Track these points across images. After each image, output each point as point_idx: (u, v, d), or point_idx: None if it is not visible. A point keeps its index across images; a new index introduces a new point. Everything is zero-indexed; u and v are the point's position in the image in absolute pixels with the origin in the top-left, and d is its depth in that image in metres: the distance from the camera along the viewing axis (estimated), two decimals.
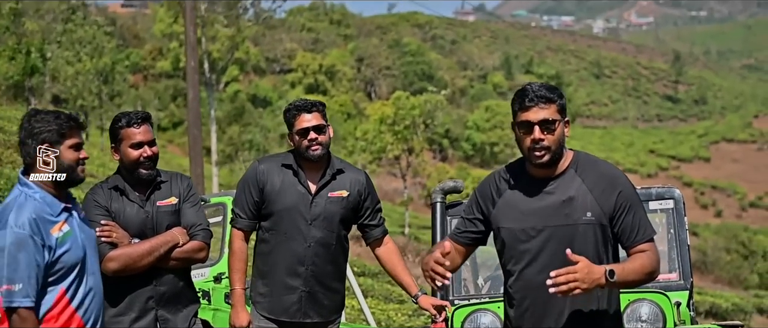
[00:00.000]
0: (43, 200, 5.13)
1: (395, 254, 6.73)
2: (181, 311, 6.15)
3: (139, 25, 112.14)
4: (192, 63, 21.03)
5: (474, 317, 7.52)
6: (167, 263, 6.02)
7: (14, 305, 4.97)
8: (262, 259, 6.44)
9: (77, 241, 5.21)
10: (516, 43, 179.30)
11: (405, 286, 6.67)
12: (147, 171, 6.05)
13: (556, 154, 4.85)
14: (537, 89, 4.85)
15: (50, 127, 5.16)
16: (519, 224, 4.89)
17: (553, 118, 4.81)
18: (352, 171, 6.58)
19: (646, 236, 4.85)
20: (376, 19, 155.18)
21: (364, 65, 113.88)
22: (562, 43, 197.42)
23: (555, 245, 4.77)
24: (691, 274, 8.22)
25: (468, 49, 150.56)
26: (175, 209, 6.13)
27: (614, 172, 4.96)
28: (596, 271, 4.54)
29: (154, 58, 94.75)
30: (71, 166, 5.19)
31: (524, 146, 4.86)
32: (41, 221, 5.06)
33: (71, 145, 5.19)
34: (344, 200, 6.44)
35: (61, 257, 5.12)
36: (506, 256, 4.97)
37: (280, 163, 6.43)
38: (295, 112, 6.37)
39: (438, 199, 8.71)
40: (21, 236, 4.97)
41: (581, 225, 4.79)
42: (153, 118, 6.71)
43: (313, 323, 6.47)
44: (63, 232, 5.14)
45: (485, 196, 5.07)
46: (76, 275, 5.21)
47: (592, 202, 4.83)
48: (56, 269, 5.12)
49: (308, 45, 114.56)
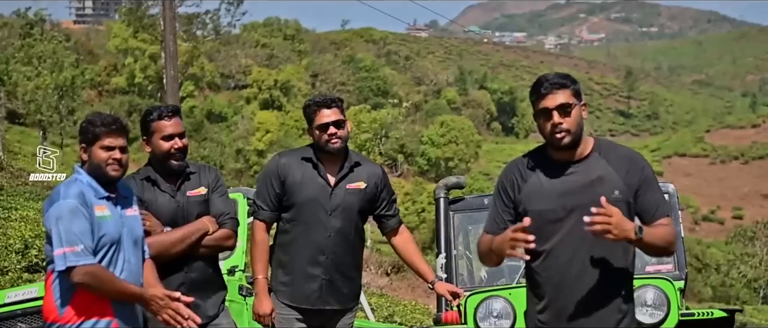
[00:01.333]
0: (89, 184, 5.54)
1: (411, 243, 6.96)
2: (210, 297, 6.38)
3: (93, 41, 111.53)
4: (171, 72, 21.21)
5: (486, 303, 7.74)
6: (198, 251, 6.25)
7: (81, 262, 5.35)
8: (283, 249, 6.64)
9: (115, 225, 5.55)
10: (469, 58, 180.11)
11: (421, 273, 6.92)
12: (177, 162, 6.29)
13: (577, 135, 5.10)
14: (551, 78, 5.11)
15: (88, 129, 5.57)
16: (549, 205, 5.12)
17: (569, 102, 5.06)
18: (369, 164, 6.81)
19: (664, 212, 5.15)
20: (330, 34, 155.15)
21: (319, 81, 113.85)
22: (515, 59, 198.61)
23: (584, 223, 4.91)
24: (685, 264, 8.54)
25: (422, 65, 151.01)
26: (204, 198, 6.35)
27: (634, 153, 5.25)
28: (628, 224, 4.84)
29: (108, 74, 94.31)
30: (100, 164, 5.55)
31: (546, 132, 5.11)
32: (87, 196, 5.47)
33: (103, 146, 5.55)
34: (362, 192, 6.66)
35: (100, 236, 5.47)
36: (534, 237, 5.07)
37: (300, 156, 6.63)
38: (315, 107, 6.57)
39: (441, 194, 8.98)
40: (73, 205, 5.40)
41: (610, 202, 4.95)
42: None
43: (333, 310, 6.67)
44: (103, 214, 5.50)
45: (511, 183, 5.28)
46: (112, 256, 5.52)
47: (618, 180, 5.09)
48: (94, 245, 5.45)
49: (263, 61, 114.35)
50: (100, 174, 5.59)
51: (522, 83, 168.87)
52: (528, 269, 5.31)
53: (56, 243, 5.41)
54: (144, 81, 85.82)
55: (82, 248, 5.37)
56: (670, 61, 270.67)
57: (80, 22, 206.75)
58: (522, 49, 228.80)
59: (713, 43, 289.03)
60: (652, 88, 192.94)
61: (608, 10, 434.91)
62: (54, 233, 5.43)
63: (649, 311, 7.66)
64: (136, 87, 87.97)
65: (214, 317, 6.39)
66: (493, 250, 5.16)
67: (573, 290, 5.11)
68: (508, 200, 5.28)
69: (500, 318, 7.73)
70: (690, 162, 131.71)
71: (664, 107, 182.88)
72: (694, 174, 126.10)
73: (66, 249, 5.38)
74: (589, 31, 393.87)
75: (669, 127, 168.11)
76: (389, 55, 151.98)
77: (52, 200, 5.53)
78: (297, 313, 6.62)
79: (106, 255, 5.51)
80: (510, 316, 7.71)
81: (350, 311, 6.82)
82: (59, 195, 5.48)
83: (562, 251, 5.11)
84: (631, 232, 4.84)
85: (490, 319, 7.75)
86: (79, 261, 5.37)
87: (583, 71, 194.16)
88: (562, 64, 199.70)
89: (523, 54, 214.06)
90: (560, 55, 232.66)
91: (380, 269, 35.89)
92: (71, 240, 5.37)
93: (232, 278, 8.20)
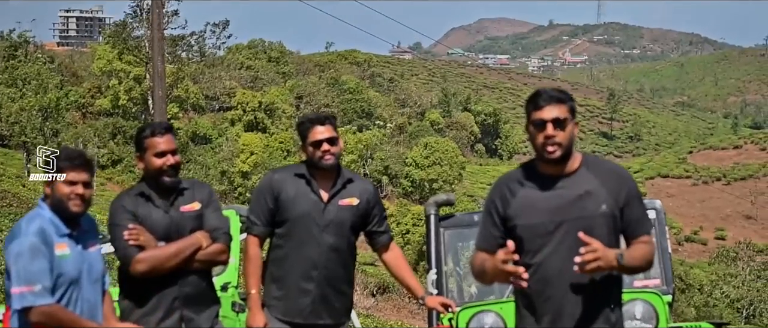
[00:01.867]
0: (51, 221, 5.58)
1: (401, 259, 7.02)
2: (204, 311, 6.45)
3: (77, 63, 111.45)
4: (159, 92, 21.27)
5: (478, 317, 7.85)
6: (191, 265, 6.32)
7: (38, 303, 5.38)
8: (276, 264, 6.70)
9: (74, 264, 5.61)
10: (453, 81, 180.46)
11: (412, 289, 6.98)
12: (170, 179, 6.36)
13: (567, 150, 5.19)
14: (549, 91, 5.23)
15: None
16: (538, 219, 5.22)
17: (565, 117, 5.16)
18: (361, 181, 6.87)
19: (646, 229, 5.28)
20: (314, 57, 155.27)
21: (304, 103, 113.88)
22: (498, 81, 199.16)
23: (574, 235, 5.08)
24: (672, 279, 8.65)
25: (406, 87, 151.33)
26: (198, 214, 6.41)
27: (620, 169, 5.39)
28: (609, 253, 4.97)
29: (92, 96, 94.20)
30: (62, 199, 5.62)
31: (538, 143, 5.20)
32: (47, 234, 5.51)
33: (66, 181, 5.61)
34: (355, 208, 6.72)
35: (58, 276, 5.53)
36: (523, 251, 5.24)
37: (293, 173, 6.70)
38: (309, 124, 6.65)
39: (432, 211, 9.07)
40: (34, 242, 5.44)
41: (598, 217, 5.15)
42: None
43: (325, 325, 6.72)
44: (62, 252, 5.55)
45: (501, 197, 5.36)
46: (66, 295, 5.58)
47: (606, 195, 5.20)
48: (53, 282, 5.50)
49: (247, 83, 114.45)
50: (62, 209, 5.62)
51: (505, 105, 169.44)
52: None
53: (15, 281, 5.45)
54: (128, 103, 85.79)
55: (39, 288, 5.41)
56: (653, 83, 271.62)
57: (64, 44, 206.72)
58: (505, 72, 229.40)
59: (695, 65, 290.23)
60: (635, 110, 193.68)
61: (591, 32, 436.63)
62: (13, 270, 5.45)
63: (638, 325, 7.76)
64: (120, 109, 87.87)
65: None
66: (487, 272, 5.27)
67: (562, 302, 5.20)
68: (498, 216, 5.36)
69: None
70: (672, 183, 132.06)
71: (646, 129, 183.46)
72: (676, 195, 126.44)
73: (24, 288, 5.41)
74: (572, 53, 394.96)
75: (652, 149, 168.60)
76: (373, 77, 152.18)
77: (12, 235, 5.55)
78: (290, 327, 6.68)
79: (64, 294, 5.57)
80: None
81: (342, 326, 6.87)
82: (20, 231, 5.50)
83: (552, 264, 5.19)
84: (614, 260, 4.99)
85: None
86: (36, 301, 5.40)
87: None
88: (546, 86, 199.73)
89: (506, 76, 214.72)
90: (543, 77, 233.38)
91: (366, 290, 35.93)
92: (30, 279, 5.40)
93: (225, 295, 8.27)
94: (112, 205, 6.36)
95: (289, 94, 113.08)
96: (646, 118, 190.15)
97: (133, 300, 6.34)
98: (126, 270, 6.30)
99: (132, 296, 6.35)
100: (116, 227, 6.28)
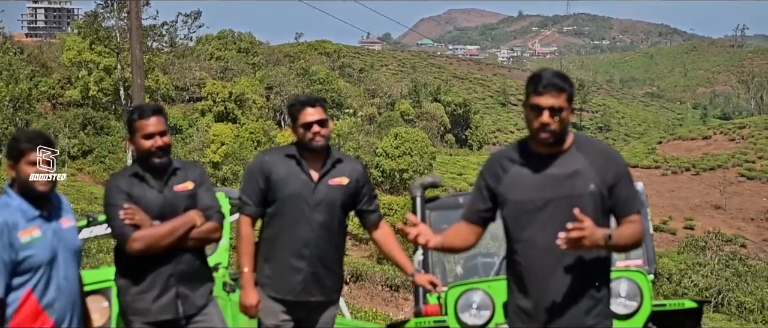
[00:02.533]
0: (19, 207, 5.64)
1: (391, 237, 7.13)
2: (198, 288, 6.61)
3: (46, 54, 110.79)
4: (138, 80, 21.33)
5: (466, 295, 7.94)
6: (186, 243, 6.47)
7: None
8: (267, 243, 6.83)
9: (46, 245, 5.68)
10: (423, 71, 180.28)
11: (401, 266, 7.11)
12: (160, 160, 6.49)
13: (560, 136, 5.36)
14: (551, 77, 5.31)
15: (12, 145, 5.75)
16: (528, 196, 5.39)
17: (561, 106, 5.29)
18: (350, 161, 7.02)
19: (635, 208, 5.44)
20: (284, 47, 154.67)
21: (274, 93, 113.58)
22: (468, 72, 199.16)
23: (562, 213, 5.26)
24: (654, 260, 8.79)
25: (376, 78, 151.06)
26: (191, 193, 6.56)
27: (610, 149, 5.54)
28: (598, 232, 5.10)
29: (62, 86, 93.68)
30: (27, 180, 5.68)
31: (533, 126, 5.35)
32: (11, 224, 5.55)
33: (28, 162, 5.69)
34: (344, 187, 6.87)
35: (25, 259, 5.59)
36: (514, 226, 5.45)
37: (283, 154, 6.84)
38: (299, 106, 6.79)
39: (417, 193, 9.23)
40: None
41: (586, 195, 5.32)
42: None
43: (317, 302, 6.88)
44: (31, 236, 5.63)
45: (492, 173, 5.54)
46: (43, 276, 5.67)
47: (594, 175, 5.37)
48: (21, 269, 5.59)
49: (217, 73, 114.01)
50: (28, 190, 5.69)
51: (475, 95, 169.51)
52: (508, 259, 5.56)
53: None
54: (98, 93, 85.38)
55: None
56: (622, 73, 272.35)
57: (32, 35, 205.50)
58: (475, 62, 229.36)
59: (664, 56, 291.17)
60: (604, 101, 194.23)
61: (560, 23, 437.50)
62: None
63: (623, 303, 7.89)
64: (90, 100, 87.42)
65: (202, 307, 6.61)
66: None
67: (550, 278, 5.36)
68: (486, 190, 5.54)
69: (480, 310, 7.93)
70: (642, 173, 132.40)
71: (616, 119, 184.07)
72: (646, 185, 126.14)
73: None
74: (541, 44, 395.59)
75: (621, 139, 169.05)
76: (343, 67, 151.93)
77: None
78: (282, 305, 6.81)
79: (40, 278, 5.67)
80: (489, 307, 7.92)
81: (333, 304, 7.03)
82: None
83: (540, 240, 5.35)
84: (601, 240, 5.13)
85: (470, 311, 7.94)
86: None
87: None
88: (515, 76, 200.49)
89: (476, 67, 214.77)
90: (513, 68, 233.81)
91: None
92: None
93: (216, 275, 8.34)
94: (107, 185, 6.48)
95: (259, 85, 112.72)
96: (615, 108, 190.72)
97: (128, 278, 6.47)
98: (122, 249, 6.42)
99: (128, 274, 6.48)
100: (112, 207, 6.40)
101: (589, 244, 5.08)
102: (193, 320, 6.57)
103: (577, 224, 5.06)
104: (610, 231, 5.19)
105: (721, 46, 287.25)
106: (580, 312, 5.35)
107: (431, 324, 8.06)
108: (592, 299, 5.39)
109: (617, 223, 5.42)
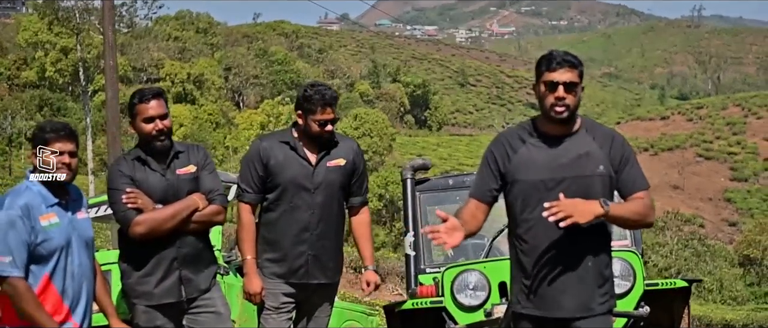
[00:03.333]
0: (40, 193, 5.72)
1: (365, 226, 7.17)
2: (202, 271, 6.60)
3: (1, 34, 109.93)
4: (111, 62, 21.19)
5: (462, 276, 7.96)
6: (189, 227, 6.45)
7: (5, 274, 5.56)
8: (268, 228, 6.83)
9: (63, 231, 5.75)
10: (381, 51, 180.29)
11: (363, 255, 7.17)
12: (161, 143, 6.49)
13: (573, 113, 5.42)
14: (563, 54, 5.42)
15: (37, 135, 5.81)
16: (538, 176, 5.42)
17: (575, 81, 5.37)
18: (346, 140, 7.04)
19: (641, 187, 5.51)
20: (242, 28, 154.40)
21: (232, 74, 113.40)
22: (426, 53, 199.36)
23: (571, 194, 5.28)
24: (641, 240, 8.87)
25: (335, 58, 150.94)
26: (193, 176, 6.55)
27: (616, 133, 5.63)
28: (587, 204, 5.20)
29: (18, 68, 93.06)
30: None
31: (547, 103, 5.39)
32: (32, 207, 5.65)
33: (52, 151, 5.77)
34: (342, 168, 6.88)
35: (44, 243, 5.67)
36: (521, 206, 5.47)
37: (278, 139, 6.85)
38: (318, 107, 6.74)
39: (408, 175, 9.32)
40: (12, 216, 5.59)
41: (595, 176, 5.40)
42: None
43: (319, 284, 6.90)
44: (50, 222, 5.71)
45: (500, 153, 5.55)
46: (59, 261, 5.75)
47: (603, 157, 5.44)
48: (40, 253, 5.66)
49: (175, 54, 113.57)
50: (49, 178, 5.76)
51: (434, 76, 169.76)
52: (514, 237, 5.58)
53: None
54: (55, 75, 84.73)
55: (10, 260, 5.57)
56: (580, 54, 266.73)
57: None
58: (433, 43, 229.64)
59: (622, 36, 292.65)
60: None
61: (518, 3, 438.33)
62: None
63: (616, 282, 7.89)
64: (47, 81, 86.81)
65: (206, 290, 6.61)
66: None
67: (557, 257, 5.40)
68: (496, 170, 5.54)
69: (476, 290, 7.95)
70: None
71: None
72: None
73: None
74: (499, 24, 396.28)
75: None
76: (302, 48, 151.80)
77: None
78: (283, 287, 6.83)
79: (57, 264, 5.74)
80: (485, 288, 7.95)
81: (335, 284, 7.07)
82: (3, 204, 5.66)
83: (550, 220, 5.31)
84: (597, 206, 5.21)
85: (466, 291, 7.97)
86: (4, 271, 5.56)
87: (495, 64, 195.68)
88: (474, 57, 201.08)
89: (434, 47, 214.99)
90: (471, 49, 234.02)
91: None
92: (1, 250, 5.55)
93: None
94: (110, 169, 6.52)
95: (218, 66, 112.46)
96: None
97: (132, 262, 6.47)
98: (125, 233, 6.42)
99: (131, 258, 6.48)
100: (114, 191, 6.40)
101: (583, 216, 5.16)
102: (196, 304, 6.58)
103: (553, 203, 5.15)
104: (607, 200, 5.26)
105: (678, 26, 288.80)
106: (588, 291, 5.42)
107: (427, 305, 8.08)
108: (600, 278, 5.47)
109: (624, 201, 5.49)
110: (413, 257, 9.07)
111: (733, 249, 71.68)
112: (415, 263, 9.14)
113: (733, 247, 73.38)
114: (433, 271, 8.93)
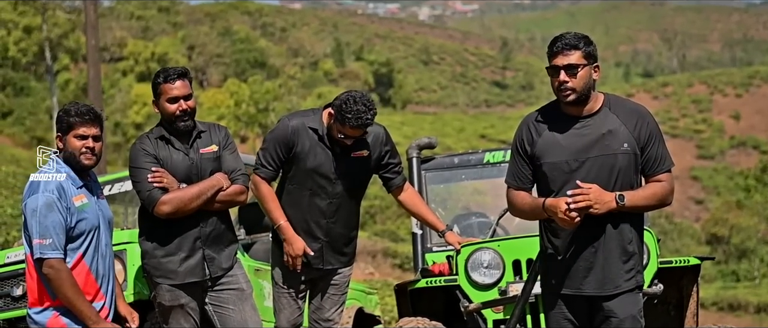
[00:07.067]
0: (68, 174, 5.80)
1: (417, 197, 7.33)
2: (224, 250, 6.65)
3: None
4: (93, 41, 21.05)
5: (477, 254, 7.95)
6: (212, 206, 6.52)
7: (46, 256, 5.62)
8: (285, 210, 6.85)
9: (94, 212, 5.86)
10: (345, 30, 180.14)
11: (431, 224, 7.37)
12: (184, 123, 6.51)
13: (582, 94, 5.50)
14: (566, 38, 5.53)
15: (62, 118, 5.84)
16: (563, 157, 5.51)
17: (576, 63, 5.45)
18: (372, 128, 6.89)
19: (665, 167, 5.60)
20: (204, 6, 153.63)
21: (196, 53, 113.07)
22: (389, 31, 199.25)
23: (596, 173, 5.42)
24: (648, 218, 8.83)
25: (298, 37, 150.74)
26: (216, 156, 6.60)
27: (642, 108, 5.70)
28: (607, 196, 5.33)
29: None
30: (73, 153, 5.84)
31: (554, 87, 5.57)
32: (66, 188, 5.74)
33: (77, 135, 5.83)
34: (366, 160, 6.90)
35: (79, 223, 5.76)
36: (548, 188, 5.56)
37: (308, 124, 6.79)
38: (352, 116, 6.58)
39: (414, 154, 9.35)
40: (50, 198, 5.66)
41: (620, 154, 5.47)
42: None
43: (333, 268, 7.00)
44: (82, 202, 5.80)
45: (525, 138, 5.66)
46: (91, 242, 5.84)
47: (627, 134, 5.51)
48: (76, 233, 5.76)
49: (138, 33, 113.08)
50: (74, 162, 5.83)
51: (397, 54, 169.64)
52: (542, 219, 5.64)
53: (34, 234, 5.67)
54: (18, 54, 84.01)
55: (50, 242, 5.64)
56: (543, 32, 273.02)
57: None
58: (396, 21, 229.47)
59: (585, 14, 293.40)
60: (527, 59, 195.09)
61: None
62: (31, 224, 5.69)
63: None
64: (9, 60, 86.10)
65: (228, 268, 6.66)
66: (526, 211, 5.64)
67: (583, 236, 5.47)
68: (526, 154, 5.64)
69: (490, 268, 7.95)
70: None
71: (538, 78, 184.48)
72: None
73: (39, 240, 5.64)
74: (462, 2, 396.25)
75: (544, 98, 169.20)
76: (265, 27, 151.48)
77: (31, 190, 5.76)
78: None
79: (92, 240, 5.83)
80: (499, 267, 7.94)
81: (349, 267, 7.14)
82: (39, 187, 5.72)
83: None
84: (612, 202, 5.32)
85: (480, 270, 7.96)
86: (46, 253, 5.63)
87: (458, 42, 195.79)
88: (437, 35, 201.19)
89: (397, 25, 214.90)
90: (435, 27, 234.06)
91: None
92: (43, 233, 5.64)
93: None
94: (133, 149, 6.53)
95: (181, 45, 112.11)
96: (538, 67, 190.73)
97: (155, 241, 6.51)
98: (149, 212, 6.45)
99: (154, 237, 6.52)
100: (139, 171, 6.44)
101: (601, 207, 5.31)
102: (219, 282, 6.64)
103: (580, 189, 5.28)
104: (623, 192, 5.36)
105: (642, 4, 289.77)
106: (616, 267, 5.49)
107: (442, 283, 8.09)
108: (626, 254, 5.53)
109: (645, 182, 5.58)
110: (420, 235, 9.07)
111: (700, 227, 71.99)
112: (421, 241, 9.09)
113: (700, 225, 73.69)
114: (440, 250, 8.93)
